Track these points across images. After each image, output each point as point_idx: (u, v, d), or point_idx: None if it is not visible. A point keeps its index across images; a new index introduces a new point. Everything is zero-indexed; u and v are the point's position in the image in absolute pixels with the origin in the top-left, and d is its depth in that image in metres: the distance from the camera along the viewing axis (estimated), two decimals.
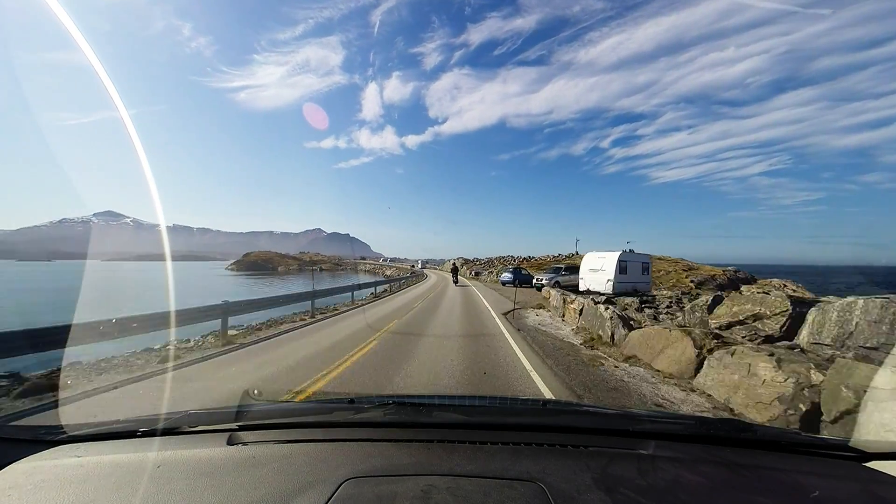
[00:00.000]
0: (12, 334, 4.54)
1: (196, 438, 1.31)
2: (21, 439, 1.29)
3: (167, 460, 1.14)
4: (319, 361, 6.04)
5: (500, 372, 5.46)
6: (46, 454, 1.19)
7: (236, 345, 7.45)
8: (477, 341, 7.59)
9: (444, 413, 1.47)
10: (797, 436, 1.40)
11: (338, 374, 5.39)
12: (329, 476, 1.02)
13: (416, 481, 1.00)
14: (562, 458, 1.15)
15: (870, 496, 1.01)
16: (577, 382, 5.04)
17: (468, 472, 1.04)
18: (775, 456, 1.20)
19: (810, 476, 1.08)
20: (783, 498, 0.99)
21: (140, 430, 1.33)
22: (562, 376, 5.34)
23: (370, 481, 1.00)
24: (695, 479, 1.06)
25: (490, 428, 1.36)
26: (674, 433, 1.38)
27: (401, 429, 1.33)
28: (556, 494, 0.93)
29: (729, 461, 1.16)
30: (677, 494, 0.97)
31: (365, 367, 5.75)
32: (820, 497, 0.96)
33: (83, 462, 1.14)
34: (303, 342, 7.74)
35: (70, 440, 1.28)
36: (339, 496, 0.93)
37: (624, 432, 1.33)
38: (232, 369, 5.70)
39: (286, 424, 1.38)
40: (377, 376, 5.25)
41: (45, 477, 1.06)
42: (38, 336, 4.69)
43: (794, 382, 3.65)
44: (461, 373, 5.37)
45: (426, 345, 7.26)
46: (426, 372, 5.44)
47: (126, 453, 1.20)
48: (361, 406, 1.48)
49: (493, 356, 6.36)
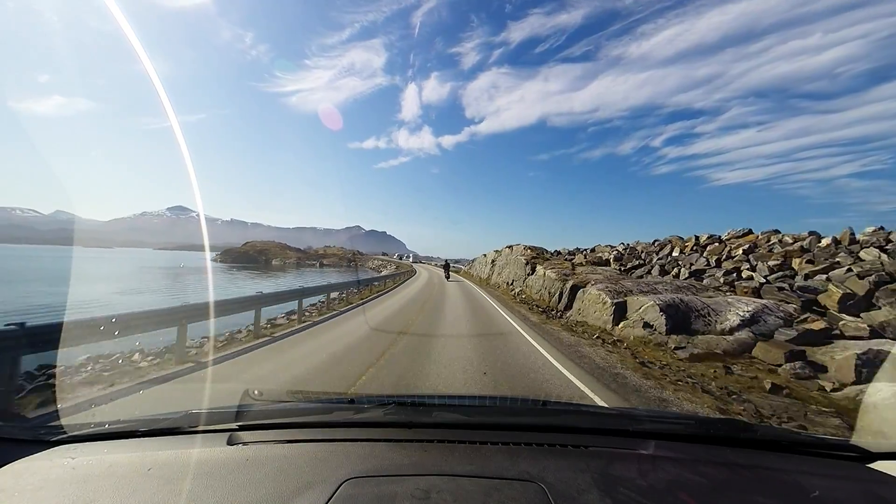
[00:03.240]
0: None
1: (196, 438, 1.30)
2: (21, 439, 1.29)
3: (167, 460, 1.13)
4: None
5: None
6: (46, 454, 1.19)
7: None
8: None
9: (444, 413, 1.47)
10: (797, 436, 1.41)
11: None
12: (329, 476, 1.01)
13: (416, 481, 0.99)
14: (562, 458, 1.15)
15: (871, 497, 1.01)
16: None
17: (468, 472, 1.04)
18: (775, 456, 1.21)
19: (811, 476, 1.08)
20: (783, 498, 1.00)
21: (140, 430, 1.32)
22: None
23: (370, 481, 1.00)
24: (695, 479, 1.06)
25: (490, 428, 1.36)
26: (674, 433, 1.39)
27: (401, 429, 1.33)
28: (556, 494, 0.93)
29: (729, 461, 1.16)
30: (677, 494, 0.97)
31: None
32: (820, 497, 0.96)
33: (83, 462, 1.13)
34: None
35: (70, 440, 1.28)
36: (339, 496, 0.92)
37: (624, 432, 1.33)
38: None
39: (286, 424, 1.38)
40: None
41: (45, 477, 1.05)
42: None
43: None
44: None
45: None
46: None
47: (126, 453, 1.20)
48: (361, 406, 1.48)
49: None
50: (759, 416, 4.49)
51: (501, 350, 7.17)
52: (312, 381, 5.13)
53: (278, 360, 6.12)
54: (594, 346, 8.02)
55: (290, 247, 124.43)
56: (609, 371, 6.09)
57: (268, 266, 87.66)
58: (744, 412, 4.56)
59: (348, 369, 5.61)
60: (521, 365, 6.21)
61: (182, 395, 4.74)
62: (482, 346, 7.44)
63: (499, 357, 6.59)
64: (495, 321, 11.01)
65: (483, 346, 7.44)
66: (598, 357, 6.99)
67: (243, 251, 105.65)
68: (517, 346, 7.70)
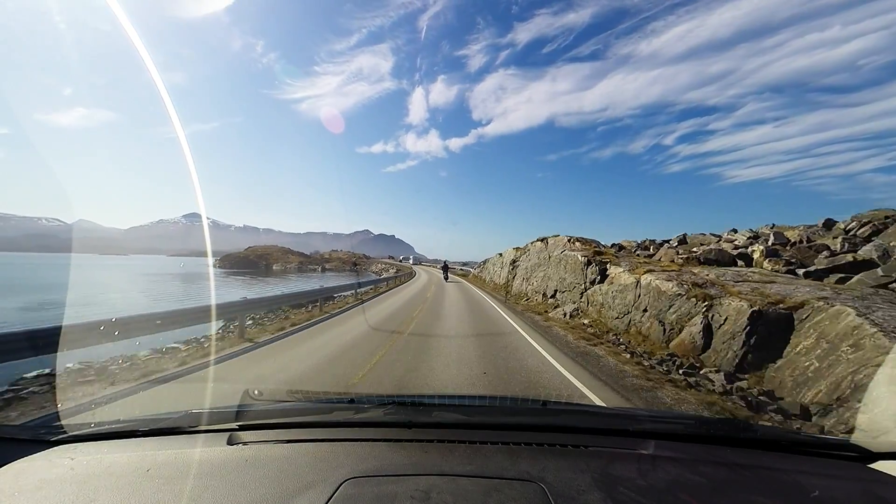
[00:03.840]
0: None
1: (196, 438, 1.31)
2: (21, 439, 1.29)
3: (167, 460, 1.14)
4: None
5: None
6: (46, 454, 1.19)
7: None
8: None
9: (444, 413, 1.47)
10: (798, 435, 1.41)
11: None
12: (329, 476, 1.02)
13: (416, 481, 0.99)
14: (562, 458, 1.15)
15: (872, 497, 1.01)
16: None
17: (468, 472, 1.04)
18: (775, 456, 1.21)
19: (811, 476, 1.08)
20: (783, 498, 1.00)
21: (140, 430, 1.33)
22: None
23: (370, 481, 1.00)
24: (695, 479, 1.06)
25: (490, 428, 1.36)
26: (674, 433, 1.39)
27: (401, 429, 1.33)
28: (556, 494, 0.93)
29: (729, 461, 1.16)
30: (677, 494, 0.97)
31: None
32: (820, 497, 0.96)
33: (83, 462, 1.13)
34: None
35: (70, 440, 1.28)
36: (339, 496, 0.92)
37: (624, 432, 1.33)
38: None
39: (286, 424, 1.38)
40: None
41: (45, 477, 1.05)
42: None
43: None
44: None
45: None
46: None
47: (126, 453, 1.20)
48: (361, 406, 1.48)
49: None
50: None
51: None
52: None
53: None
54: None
55: (293, 251, 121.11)
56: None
57: (268, 271, 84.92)
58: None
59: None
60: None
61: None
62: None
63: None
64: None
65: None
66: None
67: (243, 256, 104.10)
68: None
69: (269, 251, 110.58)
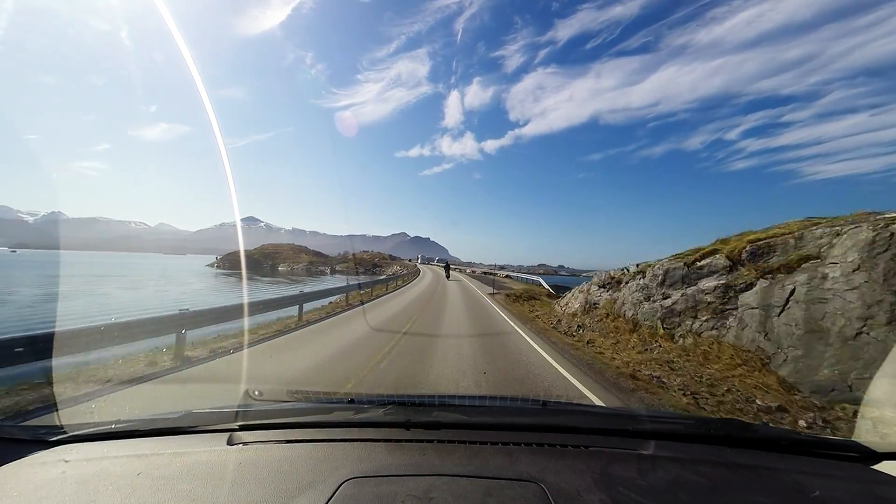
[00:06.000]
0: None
1: (196, 438, 1.31)
2: (21, 439, 1.29)
3: (166, 460, 1.14)
4: None
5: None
6: (46, 454, 1.19)
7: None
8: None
9: (444, 413, 1.47)
10: (798, 435, 1.40)
11: None
12: (329, 476, 1.02)
13: (416, 481, 1.00)
14: (561, 458, 1.15)
15: (873, 498, 1.01)
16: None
17: (468, 473, 1.04)
18: (775, 456, 1.20)
19: (811, 476, 1.08)
20: (783, 498, 0.99)
21: (139, 430, 1.33)
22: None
23: (370, 481, 1.00)
24: (695, 479, 1.06)
25: (490, 428, 1.36)
26: (674, 433, 1.38)
27: (400, 429, 1.33)
28: (556, 494, 0.93)
29: (729, 461, 1.16)
30: (677, 494, 0.97)
31: None
32: (821, 498, 0.96)
33: (83, 462, 1.13)
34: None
35: (70, 440, 1.28)
36: (339, 496, 0.93)
37: (624, 432, 1.33)
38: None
39: (286, 424, 1.38)
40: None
41: (45, 477, 1.05)
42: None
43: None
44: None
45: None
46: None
47: (125, 453, 1.20)
48: (361, 406, 1.48)
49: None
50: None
51: None
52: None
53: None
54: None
55: (308, 250, 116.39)
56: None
57: (273, 272, 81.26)
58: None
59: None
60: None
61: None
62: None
63: None
64: None
65: None
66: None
67: (246, 255, 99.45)
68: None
69: (280, 250, 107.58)
